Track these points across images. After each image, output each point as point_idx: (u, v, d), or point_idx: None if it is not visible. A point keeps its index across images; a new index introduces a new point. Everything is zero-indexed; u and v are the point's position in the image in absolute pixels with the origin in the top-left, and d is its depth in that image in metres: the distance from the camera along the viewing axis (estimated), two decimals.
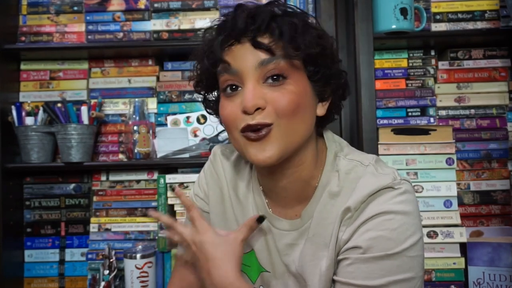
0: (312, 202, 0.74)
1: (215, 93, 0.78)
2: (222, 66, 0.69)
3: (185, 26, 1.44)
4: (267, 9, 0.68)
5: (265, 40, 0.66)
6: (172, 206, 1.39)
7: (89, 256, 1.40)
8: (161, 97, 1.46)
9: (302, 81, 0.69)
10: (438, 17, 1.36)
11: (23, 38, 1.45)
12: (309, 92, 0.70)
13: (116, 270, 1.33)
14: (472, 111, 1.36)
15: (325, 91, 0.73)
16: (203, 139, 1.41)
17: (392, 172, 0.70)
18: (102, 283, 1.31)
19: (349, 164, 0.74)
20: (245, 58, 0.67)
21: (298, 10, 0.71)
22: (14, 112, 1.38)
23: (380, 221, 0.65)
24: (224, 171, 0.85)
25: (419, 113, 1.36)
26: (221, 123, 0.79)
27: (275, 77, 0.67)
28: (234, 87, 0.69)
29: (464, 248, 1.24)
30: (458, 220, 1.23)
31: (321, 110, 0.74)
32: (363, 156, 0.75)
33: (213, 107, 0.79)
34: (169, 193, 1.38)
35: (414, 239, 0.66)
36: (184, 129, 1.41)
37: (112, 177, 1.45)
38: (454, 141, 1.24)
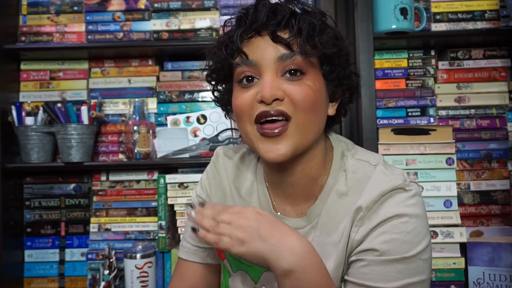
0: (319, 202, 0.74)
1: (225, 86, 0.78)
2: (240, 57, 0.69)
3: (185, 26, 1.44)
4: (287, 6, 0.70)
5: (284, 35, 0.67)
6: (172, 206, 1.39)
7: (89, 256, 1.40)
8: (161, 97, 1.46)
9: (318, 78, 0.70)
10: (438, 17, 1.36)
11: (23, 38, 1.45)
12: (324, 90, 0.72)
13: (116, 270, 1.33)
14: (472, 111, 1.36)
15: (337, 91, 0.74)
16: (203, 139, 1.41)
17: (402, 174, 0.71)
18: (102, 283, 1.31)
19: (356, 163, 0.74)
20: (265, 50, 0.68)
21: (317, 10, 0.72)
22: (14, 112, 1.38)
23: (395, 223, 0.66)
24: (226, 171, 0.84)
25: (419, 113, 1.36)
26: (226, 116, 0.80)
27: (293, 71, 0.68)
28: (250, 78, 0.69)
29: (464, 248, 1.24)
30: (458, 220, 1.23)
31: (331, 110, 0.75)
32: (370, 156, 0.75)
33: (223, 99, 0.79)
34: (169, 193, 1.38)
35: (426, 242, 0.67)
36: (184, 129, 1.41)
37: (112, 177, 1.45)
38: (454, 141, 1.24)
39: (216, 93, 0.80)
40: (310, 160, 0.73)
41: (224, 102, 0.79)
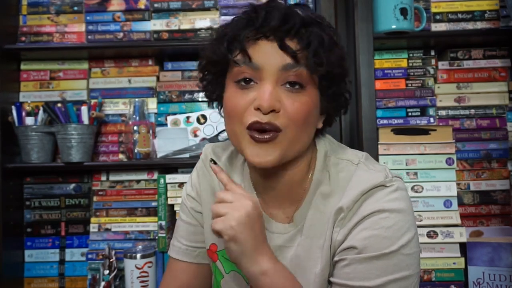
0: (305, 204, 0.73)
1: (217, 79, 0.75)
2: (243, 58, 0.67)
3: (185, 26, 1.44)
4: (298, 14, 0.67)
5: (292, 44, 0.65)
6: (172, 206, 1.39)
7: (89, 256, 1.40)
8: (161, 97, 1.46)
9: (315, 92, 0.69)
10: (438, 17, 1.36)
11: (23, 38, 1.45)
12: (318, 105, 0.71)
13: (116, 270, 1.33)
14: (472, 111, 1.36)
15: (328, 107, 0.73)
16: (203, 139, 1.41)
17: (384, 170, 0.70)
18: (102, 283, 1.31)
19: (339, 163, 0.73)
20: (270, 56, 0.66)
21: (327, 23, 0.71)
22: (14, 112, 1.38)
23: (374, 220, 0.65)
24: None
25: (419, 113, 1.36)
26: (209, 104, 0.78)
27: (292, 83, 0.66)
28: (248, 80, 0.67)
29: (464, 248, 1.24)
30: (458, 220, 1.23)
31: (319, 123, 0.74)
32: (352, 154, 0.75)
33: (213, 92, 0.76)
34: (169, 193, 1.38)
35: (409, 236, 0.66)
36: (184, 129, 1.41)
37: (112, 177, 1.45)
38: (454, 141, 1.24)
39: (205, 83, 0.77)
40: (296, 166, 0.73)
41: (214, 96, 0.77)
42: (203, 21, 1.44)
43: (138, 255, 1.29)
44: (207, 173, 0.85)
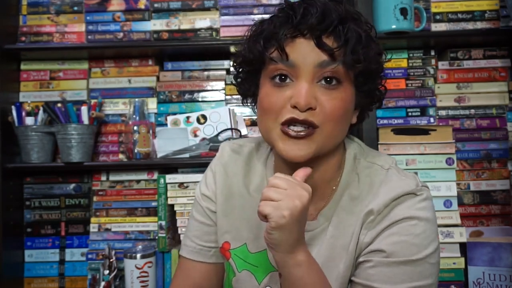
0: (331, 204, 0.73)
1: (252, 76, 0.75)
2: (280, 56, 0.66)
3: (185, 26, 1.44)
4: (335, 10, 0.67)
5: (329, 41, 0.65)
6: (172, 206, 1.39)
7: (89, 256, 1.40)
8: (161, 97, 1.46)
9: (350, 88, 0.69)
10: (438, 17, 1.36)
11: (23, 38, 1.45)
12: (353, 100, 0.71)
13: (116, 270, 1.33)
14: (472, 111, 1.36)
15: (363, 102, 0.73)
16: (203, 139, 1.41)
17: (414, 178, 0.71)
18: (102, 283, 1.31)
19: (369, 167, 0.74)
20: (306, 54, 0.65)
21: (363, 19, 0.70)
22: (14, 112, 1.38)
23: (404, 226, 0.66)
24: (234, 168, 0.83)
25: (419, 113, 1.36)
26: (243, 101, 0.78)
27: (328, 79, 0.66)
28: (283, 77, 0.67)
29: (464, 248, 1.24)
30: (458, 220, 1.23)
31: (354, 118, 0.75)
32: (382, 159, 0.75)
33: (247, 89, 0.76)
34: (169, 193, 1.38)
35: (435, 246, 0.67)
36: (184, 129, 1.41)
37: (112, 177, 1.45)
38: (454, 141, 1.24)
39: (239, 80, 0.77)
40: (326, 163, 0.73)
41: (250, 93, 0.76)
42: (203, 21, 1.44)
43: (138, 255, 1.29)
44: (223, 172, 0.83)
